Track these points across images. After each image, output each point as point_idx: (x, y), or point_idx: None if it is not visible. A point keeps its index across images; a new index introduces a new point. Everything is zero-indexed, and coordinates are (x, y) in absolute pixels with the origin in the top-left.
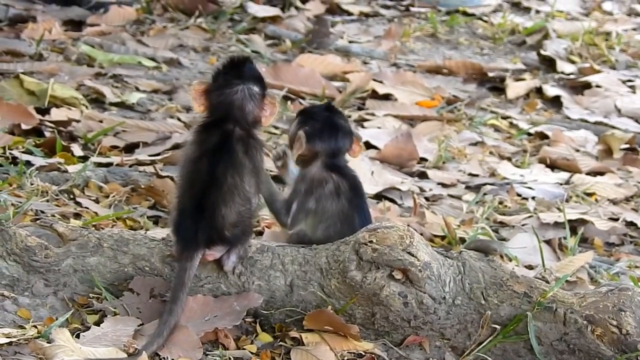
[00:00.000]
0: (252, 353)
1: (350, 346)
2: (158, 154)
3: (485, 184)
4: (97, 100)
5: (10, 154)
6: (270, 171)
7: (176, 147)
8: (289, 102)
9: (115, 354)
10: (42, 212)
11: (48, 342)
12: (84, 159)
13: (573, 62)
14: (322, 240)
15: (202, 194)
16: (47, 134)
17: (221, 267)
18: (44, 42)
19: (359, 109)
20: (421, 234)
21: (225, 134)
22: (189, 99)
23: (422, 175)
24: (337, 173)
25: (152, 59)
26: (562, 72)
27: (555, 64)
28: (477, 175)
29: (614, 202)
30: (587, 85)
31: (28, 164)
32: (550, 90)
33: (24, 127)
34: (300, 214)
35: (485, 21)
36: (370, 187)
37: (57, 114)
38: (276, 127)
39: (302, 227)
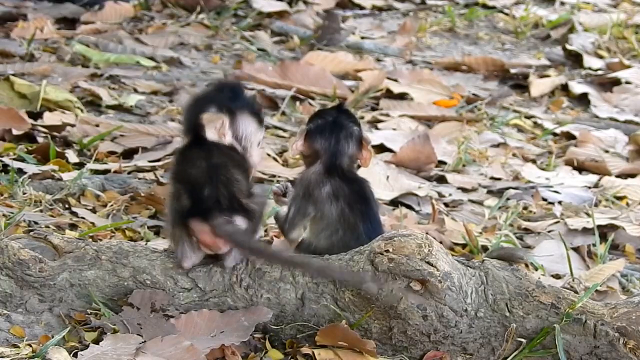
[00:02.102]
0: None
1: None
2: (158, 160)
3: (508, 188)
4: (93, 103)
5: (1, 161)
6: (289, 180)
7: None
8: (297, 103)
9: None
10: (36, 223)
11: None
12: (79, 165)
13: (601, 57)
14: (326, 249)
15: (209, 171)
16: (40, 140)
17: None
18: (36, 42)
19: (373, 109)
20: (440, 242)
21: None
22: None
23: (441, 180)
24: (337, 176)
25: (151, 59)
26: (589, 68)
27: (582, 59)
28: (499, 179)
29: None
30: (616, 82)
31: (20, 171)
32: (577, 88)
33: (15, 132)
34: (297, 217)
35: (507, 14)
36: (385, 193)
37: (50, 118)
38: (284, 130)
39: (305, 235)
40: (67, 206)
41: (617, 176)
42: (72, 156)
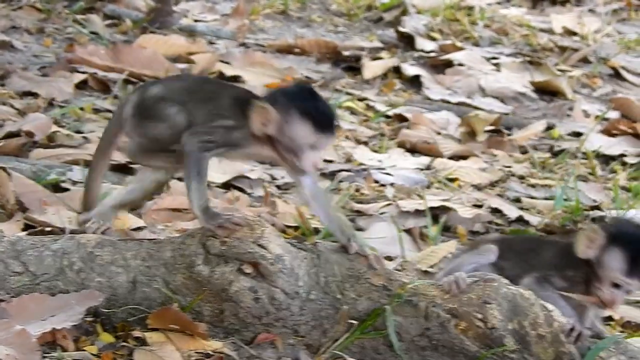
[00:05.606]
0: (92, 354)
1: (197, 345)
2: None
3: (340, 171)
4: None
5: None
6: None
7: (9, 135)
8: (130, 86)
9: None
10: None
11: None
12: None
13: (433, 39)
14: None
15: None
16: None
17: None
18: None
19: None
20: (272, 225)
21: None
22: (22, 84)
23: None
24: None
25: None
26: (422, 50)
27: (415, 41)
28: (332, 162)
29: (478, 187)
30: (449, 64)
31: None
32: (409, 70)
33: None
34: None
35: None
36: (217, 176)
37: None
38: None
39: None
40: None
41: (450, 158)
42: None
